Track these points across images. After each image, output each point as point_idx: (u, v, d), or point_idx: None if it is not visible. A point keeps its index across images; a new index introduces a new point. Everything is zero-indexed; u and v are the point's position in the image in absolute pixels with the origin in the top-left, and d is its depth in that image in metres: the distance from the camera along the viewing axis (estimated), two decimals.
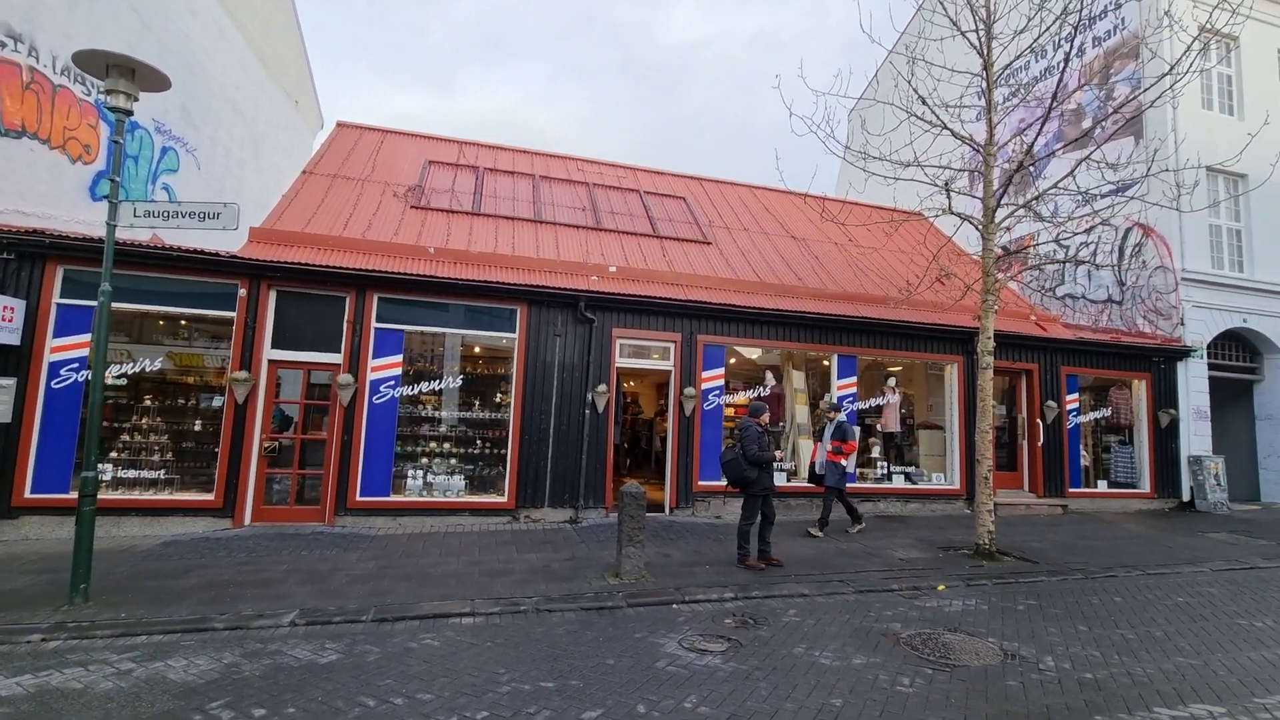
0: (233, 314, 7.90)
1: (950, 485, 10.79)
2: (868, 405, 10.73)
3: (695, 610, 5.49)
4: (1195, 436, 12.10)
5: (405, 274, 8.39)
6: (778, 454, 7.00)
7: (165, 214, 5.75)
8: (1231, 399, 13.16)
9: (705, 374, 9.68)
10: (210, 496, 7.66)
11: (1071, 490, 11.31)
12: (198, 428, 7.96)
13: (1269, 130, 10.69)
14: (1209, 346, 12.48)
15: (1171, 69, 7.53)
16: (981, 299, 8.13)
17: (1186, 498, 11.83)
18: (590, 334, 9.14)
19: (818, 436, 8.93)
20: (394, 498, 8.26)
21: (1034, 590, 6.40)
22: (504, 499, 8.59)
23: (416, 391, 8.64)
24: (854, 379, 10.46)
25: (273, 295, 8.10)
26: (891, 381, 10.97)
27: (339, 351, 8.25)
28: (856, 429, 9.57)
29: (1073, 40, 7.55)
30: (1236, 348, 13.19)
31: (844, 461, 8.47)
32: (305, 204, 9.87)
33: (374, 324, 8.38)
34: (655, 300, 9.40)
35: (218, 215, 5.74)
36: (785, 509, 9.63)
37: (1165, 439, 11.91)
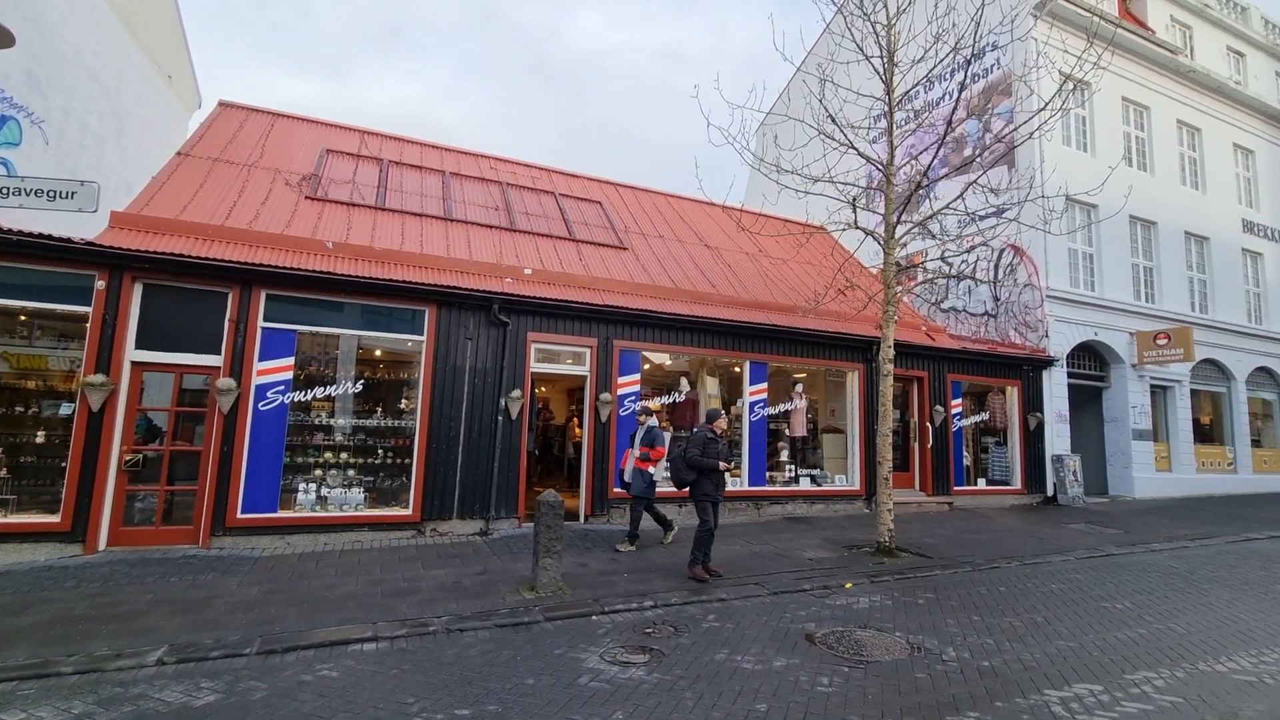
0: (87, 309, 6.90)
1: (851, 486, 11.35)
2: (777, 410, 11.08)
3: (616, 621, 5.36)
4: (1057, 437, 13.48)
5: (299, 270, 7.71)
6: (722, 464, 6.79)
7: (4, 190, 4.91)
8: (1085, 403, 14.78)
9: (621, 379, 9.61)
10: (55, 518, 6.62)
11: (956, 488, 12.23)
12: (40, 439, 6.87)
13: (1111, 171, 12.14)
14: (1068, 357, 13.96)
15: (1045, 106, 8.34)
16: (883, 310, 8.61)
17: (1050, 493, 13.13)
18: (504, 338, 8.81)
19: (630, 442, 8.27)
20: (283, 514, 7.53)
21: (931, 584, 6.80)
22: (408, 511, 8.07)
23: (310, 397, 7.95)
24: (764, 385, 10.77)
25: (138, 289, 7.16)
26: (799, 387, 11.40)
27: (219, 353, 7.43)
28: (667, 435, 8.72)
29: (965, 71, 8.18)
30: (1089, 358, 14.85)
31: (652, 469, 7.88)
32: (180, 189, 8.85)
33: (261, 323, 7.62)
34: (572, 304, 9.22)
35: (72, 195, 4.99)
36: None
37: (1033, 440, 13.18)
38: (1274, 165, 18.83)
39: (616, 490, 9.34)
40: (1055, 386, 13.64)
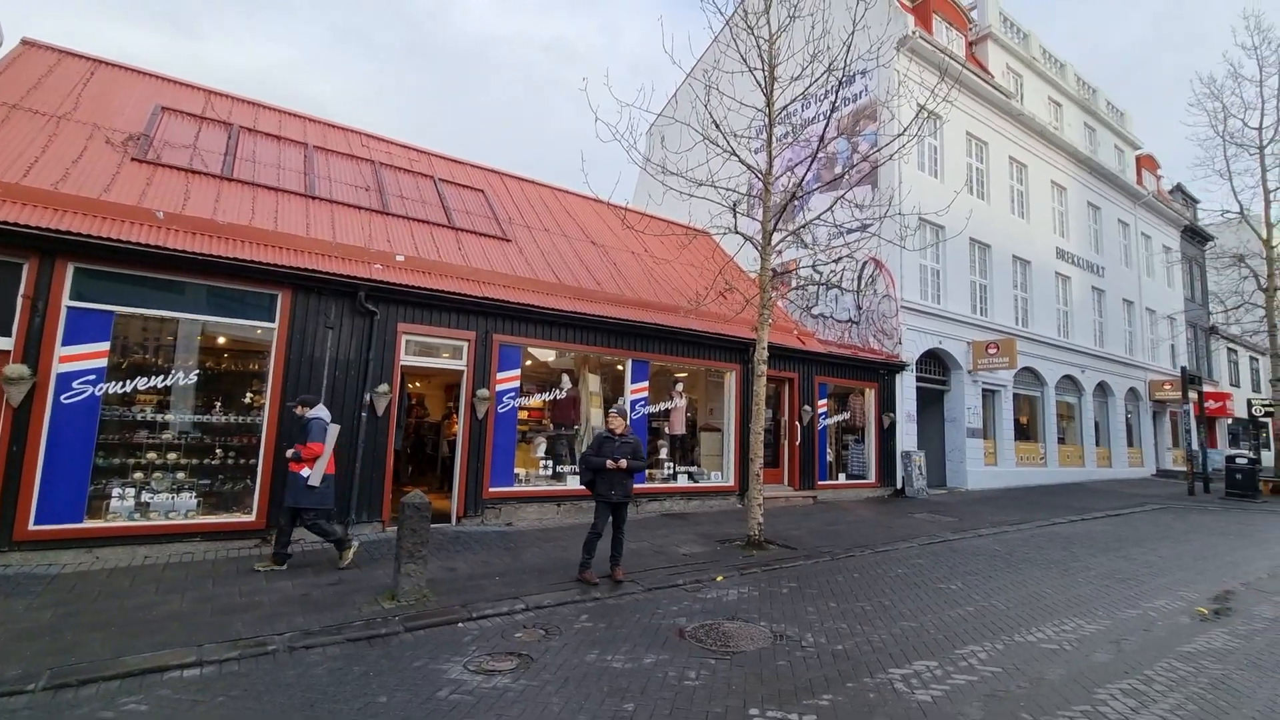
0: None
1: (726, 482, 11.76)
2: (658, 409, 11.23)
3: (484, 627, 5.11)
4: (906, 435, 14.83)
5: (120, 241, 6.65)
6: (609, 462, 6.41)
7: None
8: (930, 404, 16.40)
9: (501, 375, 9.27)
10: None
11: (820, 483, 13.08)
12: None
13: (960, 194, 13.56)
14: (917, 362, 15.41)
15: (903, 132, 9.08)
16: (759, 313, 8.97)
17: (899, 486, 14.41)
18: (371, 328, 8.18)
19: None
20: (91, 524, 6.46)
21: (795, 574, 7.16)
22: (252, 518, 7.24)
23: (131, 389, 6.89)
24: (646, 383, 10.87)
25: None
26: (679, 386, 11.64)
27: (9, 335, 6.24)
28: (334, 428, 6.72)
29: (837, 93, 8.71)
30: (934, 364, 16.49)
31: (305, 471, 6.37)
32: None
33: (67, 301, 6.49)
34: (449, 295, 8.76)
35: None
36: (579, 511, 9.63)
37: (887, 438, 14.40)
38: (1081, 202, 22.01)
39: (493, 489, 9.01)
40: (906, 389, 15.00)
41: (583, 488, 6.77)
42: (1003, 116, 18.68)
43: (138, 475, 6.86)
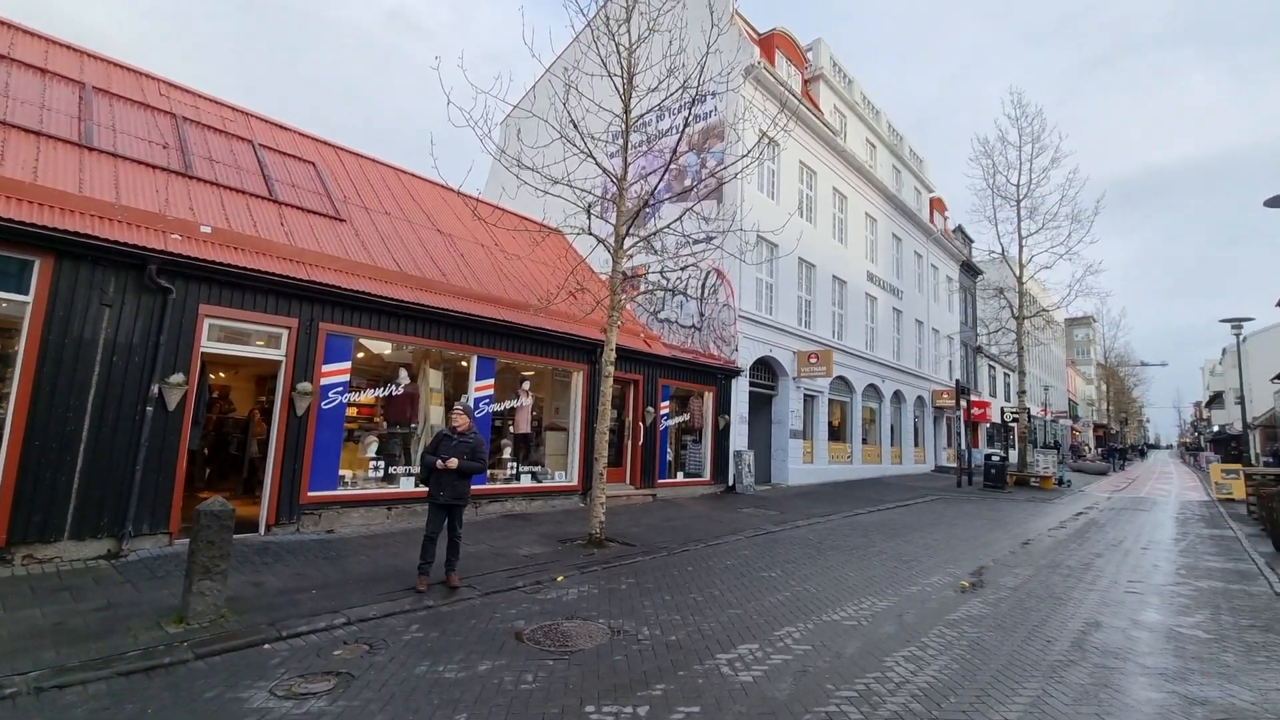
0: None
1: (570, 482, 11.79)
2: (503, 407, 10.95)
3: (296, 647, 4.60)
4: (738, 436, 15.94)
5: None
6: (450, 462, 6.07)
7: None
8: (759, 408, 17.80)
9: (327, 368, 8.45)
10: None
11: (660, 481, 13.61)
12: None
13: (789, 218, 14.88)
14: (751, 368, 16.64)
15: (747, 154, 9.76)
16: (608, 315, 9.11)
17: (731, 483, 15.45)
18: (164, 308, 7.01)
19: None
20: None
21: (634, 570, 7.36)
22: None
23: None
24: (491, 381, 10.55)
25: None
26: (526, 385, 11.45)
27: None
28: None
29: (690, 110, 9.12)
30: (765, 370, 17.93)
31: None
32: None
33: None
34: (267, 276, 7.79)
35: None
36: (412, 515, 9.07)
37: (722, 438, 15.36)
38: (888, 233, 25.25)
39: (312, 494, 8.18)
40: (740, 393, 16.14)
41: (419, 489, 6.40)
42: (830, 151, 20.86)
43: None
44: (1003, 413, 34.66)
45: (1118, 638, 5.39)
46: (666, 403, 13.95)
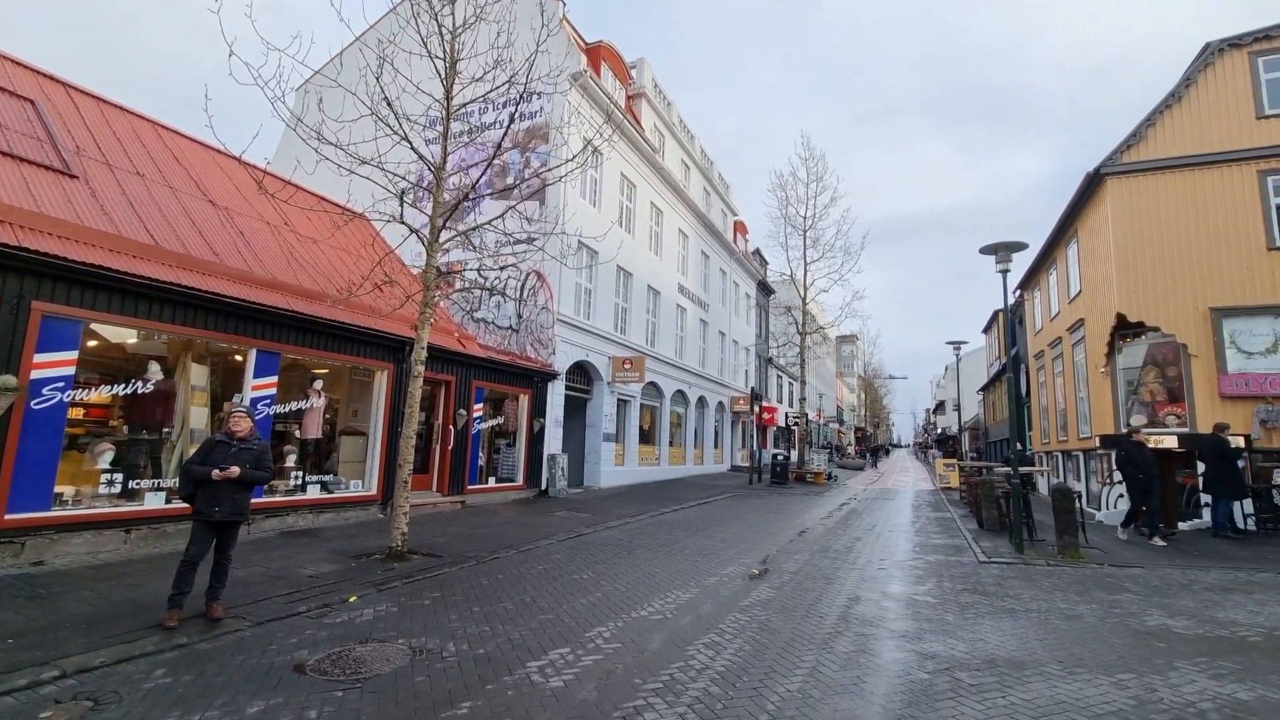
0: None
1: (368, 491, 10.79)
2: (287, 409, 9.68)
3: None
4: (553, 439, 15.93)
5: None
6: (231, 470, 5.27)
7: None
8: (574, 411, 17.97)
9: (41, 358, 6.74)
10: None
11: (470, 487, 13.05)
12: None
13: (611, 226, 15.30)
14: (567, 372, 16.74)
15: (571, 160, 9.81)
16: (420, 311, 8.52)
17: (544, 486, 15.36)
18: None
19: None
20: None
21: (439, 582, 6.92)
22: None
23: None
24: (274, 379, 9.27)
25: None
26: (318, 384, 10.25)
27: None
28: None
29: (515, 106, 8.91)
30: (581, 375, 18.16)
31: None
32: None
33: None
34: None
35: None
36: (161, 538, 7.59)
37: (536, 441, 15.21)
38: (697, 250, 27.14)
39: (12, 517, 6.45)
40: (556, 396, 16.14)
41: (174, 506, 5.36)
42: (650, 167, 21.87)
43: None
44: (787, 417, 39.16)
45: (872, 608, 6.31)
46: (480, 405, 13.45)
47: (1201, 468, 11.23)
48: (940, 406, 71.21)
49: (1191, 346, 12.41)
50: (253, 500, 8.53)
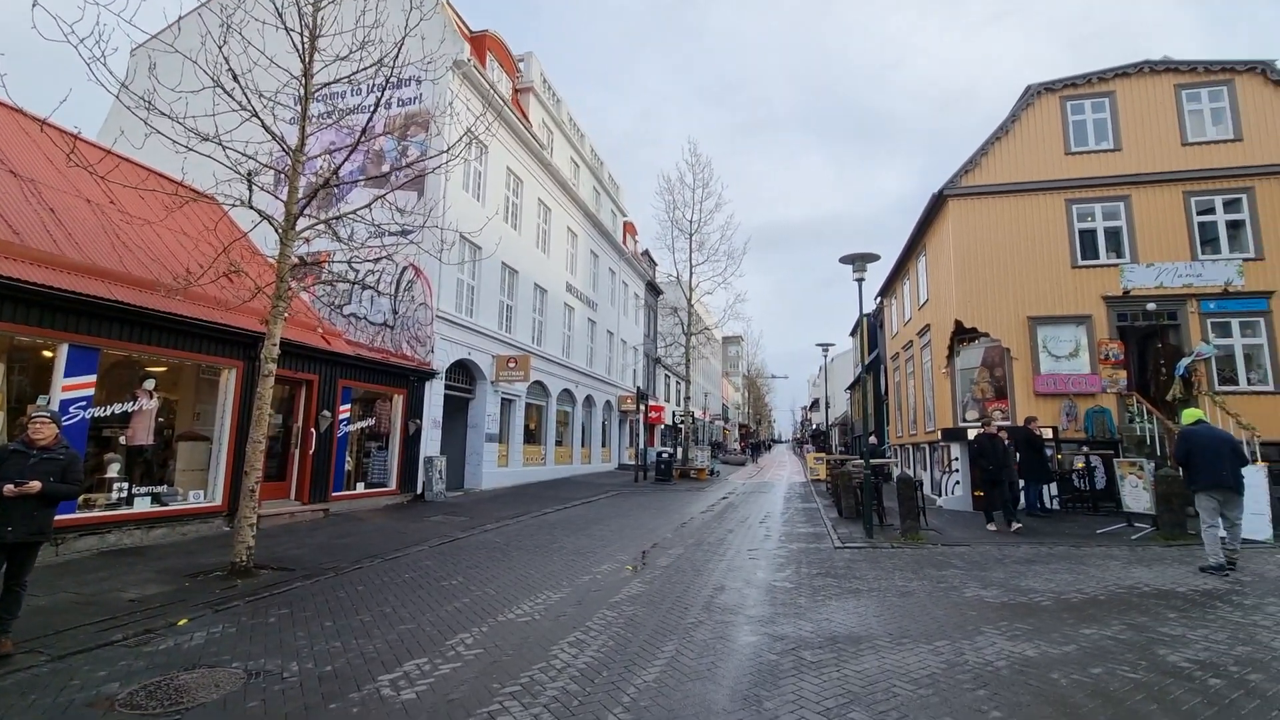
0: None
1: (211, 502, 9.78)
2: (109, 412, 8.55)
3: None
4: (431, 441, 15.28)
5: None
6: (28, 485, 4.55)
7: None
8: (455, 411, 17.36)
9: None
10: None
11: (335, 494, 12.21)
12: None
13: (497, 220, 14.93)
14: (447, 371, 16.12)
15: (449, 150, 9.44)
16: (273, 304, 7.85)
17: (420, 490, 14.70)
18: None
19: None
20: None
21: (288, 599, 6.41)
22: None
23: None
24: (93, 378, 8.15)
25: None
26: (149, 384, 9.14)
27: None
28: None
29: (383, 91, 8.43)
30: (462, 373, 17.56)
31: None
32: None
33: None
34: None
35: None
36: None
37: (412, 443, 14.52)
38: (586, 249, 27.14)
39: None
40: (435, 396, 15.50)
41: None
42: (537, 163, 21.56)
43: None
44: (674, 415, 40.17)
45: (735, 597, 6.63)
46: (348, 406, 12.61)
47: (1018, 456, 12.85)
48: (814, 404, 76.38)
49: (1014, 350, 14.19)
50: (67, 516, 7.51)
